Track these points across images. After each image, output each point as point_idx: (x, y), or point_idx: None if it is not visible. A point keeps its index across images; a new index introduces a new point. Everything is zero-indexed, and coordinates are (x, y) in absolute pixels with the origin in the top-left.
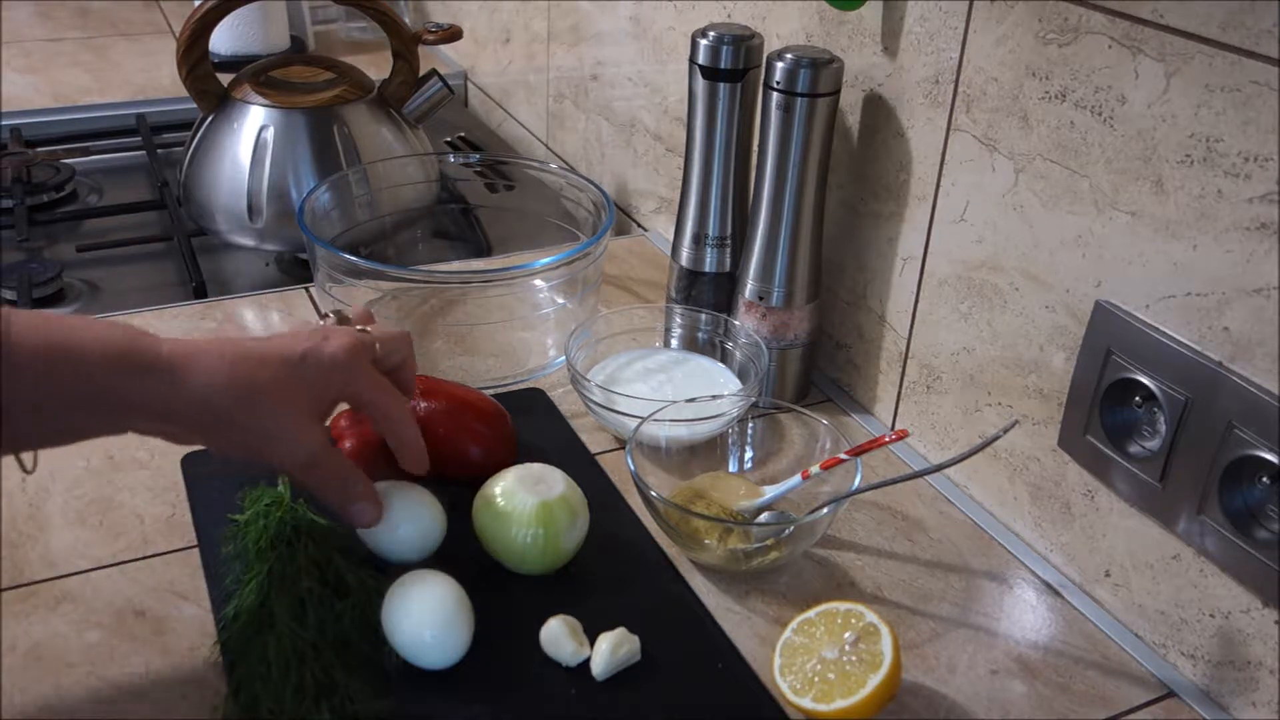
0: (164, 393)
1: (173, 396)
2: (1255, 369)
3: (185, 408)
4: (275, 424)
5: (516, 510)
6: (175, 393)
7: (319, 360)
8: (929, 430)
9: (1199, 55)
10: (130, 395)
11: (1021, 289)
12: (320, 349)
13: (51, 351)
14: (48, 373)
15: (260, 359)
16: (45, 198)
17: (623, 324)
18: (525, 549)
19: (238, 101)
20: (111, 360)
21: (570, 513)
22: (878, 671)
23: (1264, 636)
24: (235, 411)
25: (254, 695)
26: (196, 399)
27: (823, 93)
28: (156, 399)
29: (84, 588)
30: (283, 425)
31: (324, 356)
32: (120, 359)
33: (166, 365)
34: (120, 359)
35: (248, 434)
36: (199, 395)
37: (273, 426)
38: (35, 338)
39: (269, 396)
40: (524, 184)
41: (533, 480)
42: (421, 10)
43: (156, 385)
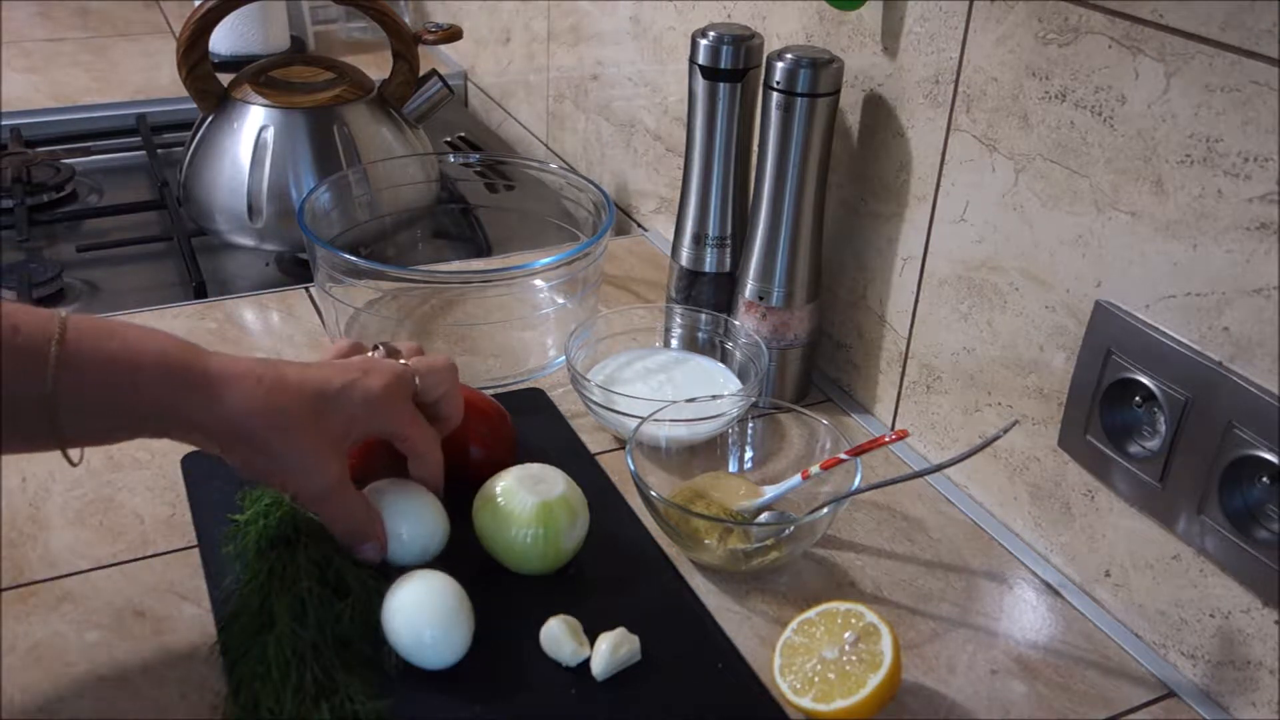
0: (202, 409)
1: (209, 414)
2: (1255, 369)
3: (218, 426)
4: (297, 454)
5: (517, 510)
6: (211, 411)
7: (353, 396)
8: (929, 430)
9: (1199, 55)
10: (175, 408)
11: (1021, 289)
12: (357, 384)
13: (107, 361)
14: (101, 381)
15: (297, 388)
16: (45, 198)
17: (623, 324)
18: (525, 549)
19: (238, 101)
20: (162, 375)
21: (570, 513)
22: (878, 671)
23: (1264, 636)
24: (261, 437)
25: (254, 695)
26: (229, 419)
27: (823, 93)
28: (195, 414)
29: (84, 588)
30: (304, 457)
31: (359, 392)
32: (170, 374)
33: (209, 383)
34: (170, 374)
35: (270, 459)
36: (232, 416)
37: (294, 456)
38: (92, 344)
39: (295, 427)
40: (524, 184)
41: (533, 480)
42: (421, 10)
43: (198, 401)
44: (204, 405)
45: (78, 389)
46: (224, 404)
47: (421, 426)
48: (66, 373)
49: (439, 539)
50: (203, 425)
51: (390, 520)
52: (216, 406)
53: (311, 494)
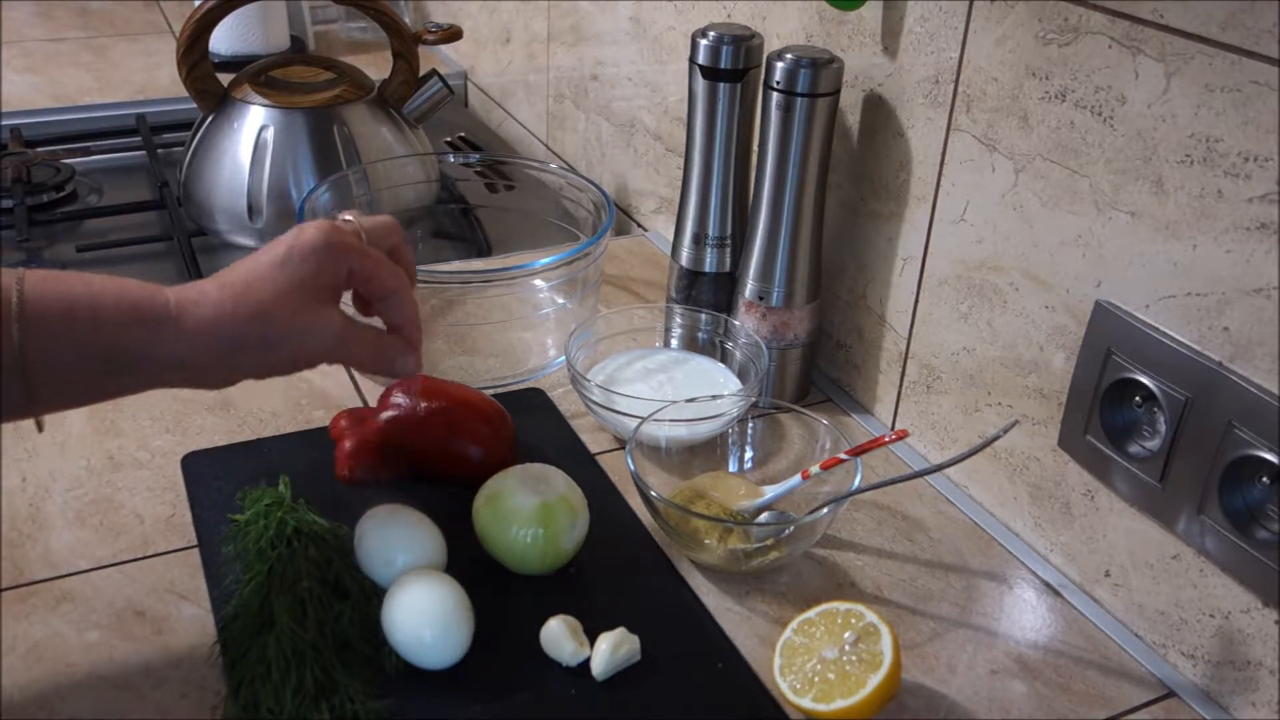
0: (174, 337)
1: (186, 340)
2: (1255, 369)
3: (205, 348)
4: (292, 326)
5: (517, 510)
6: (188, 335)
7: (302, 250)
8: (929, 430)
9: (1199, 55)
10: (148, 348)
11: (1021, 289)
12: (299, 240)
13: (68, 308)
14: (64, 330)
15: (254, 276)
16: (45, 198)
17: (623, 324)
18: (525, 549)
19: (238, 101)
20: (125, 314)
21: (570, 513)
22: (878, 671)
23: (1264, 636)
24: (251, 333)
25: (254, 695)
26: (212, 335)
27: (823, 93)
28: (168, 345)
29: (84, 588)
30: (299, 323)
31: (304, 246)
32: (133, 311)
33: (175, 312)
34: (133, 311)
35: (272, 346)
36: (213, 331)
37: (291, 329)
38: (50, 295)
39: (274, 305)
40: (524, 184)
41: (533, 480)
42: (421, 10)
43: (170, 333)
44: (175, 332)
45: (44, 342)
46: (199, 324)
47: (382, 262)
48: (30, 325)
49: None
50: (186, 355)
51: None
52: (194, 329)
53: (324, 349)
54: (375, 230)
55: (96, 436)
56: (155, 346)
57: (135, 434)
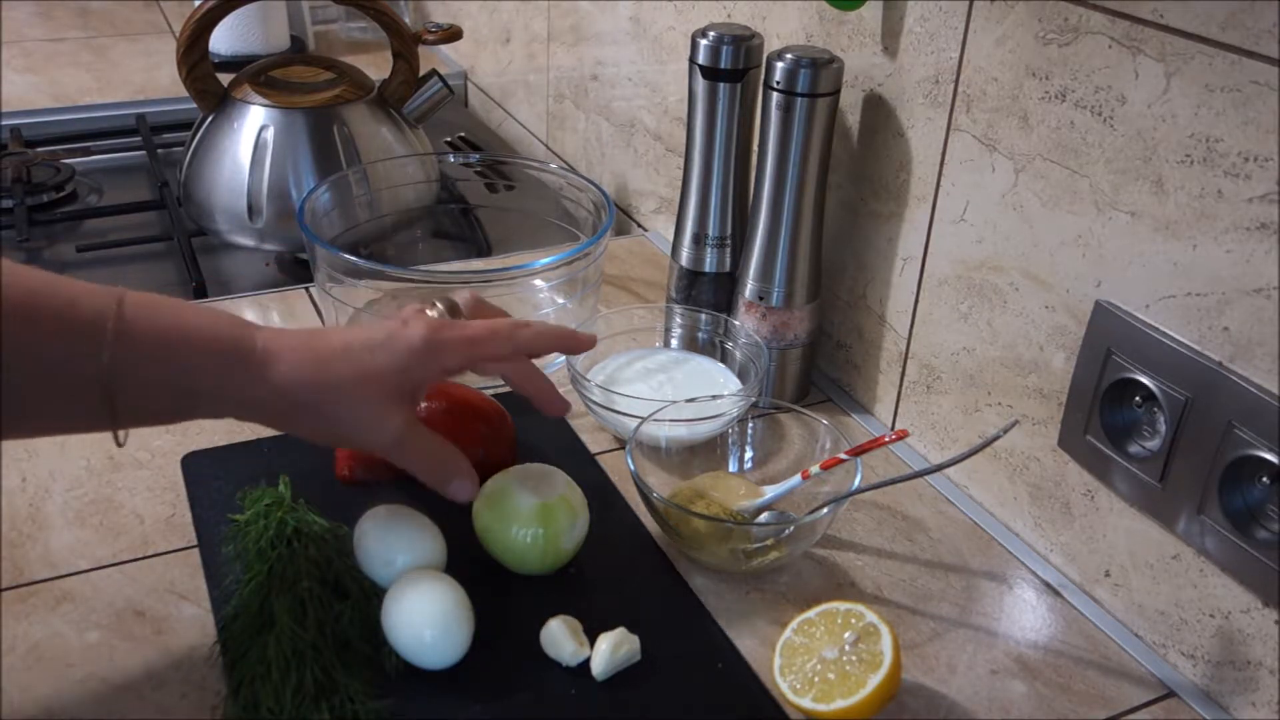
0: (255, 385)
1: (263, 389)
2: (1255, 369)
3: (274, 400)
4: (357, 413)
5: (517, 510)
6: (265, 386)
7: (396, 347)
8: (929, 430)
9: (1199, 55)
10: (227, 387)
11: (1021, 289)
12: (399, 335)
13: (162, 337)
14: (153, 360)
15: (344, 350)
16: (45, 198)
17: (623, 324)
18: (525, 549)
19: (238, 101)
20: (214, 351)
21: (570, 513)
22: (878, 671)
23: (1264, 636)
24: (315, 404)
25: (254, 695)
26: (281, 391)
27: (823, 93)
28: (249, 390)
29: (84, 588)
30: (365, 413)
31: (401, 343)
32: (222, 350)
33: (260, 359)
34: (222, 350)
35: (331, 423)
36: (283, 388)
37: (355, 415)
38: (147, 321)
39: (349, 387)
40: (524, 184)
41: (533, 480)
42: (421, 10)
43: (250, 378)
44: (256, 380)
45: (133, 365)
46: (274, 377)
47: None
48: (122, 349)
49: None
50: (257, 400)
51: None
52: (268, 380)
53: (384, 445)
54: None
55: (96, 436)
56: (234, 388)
57: (135, 434)
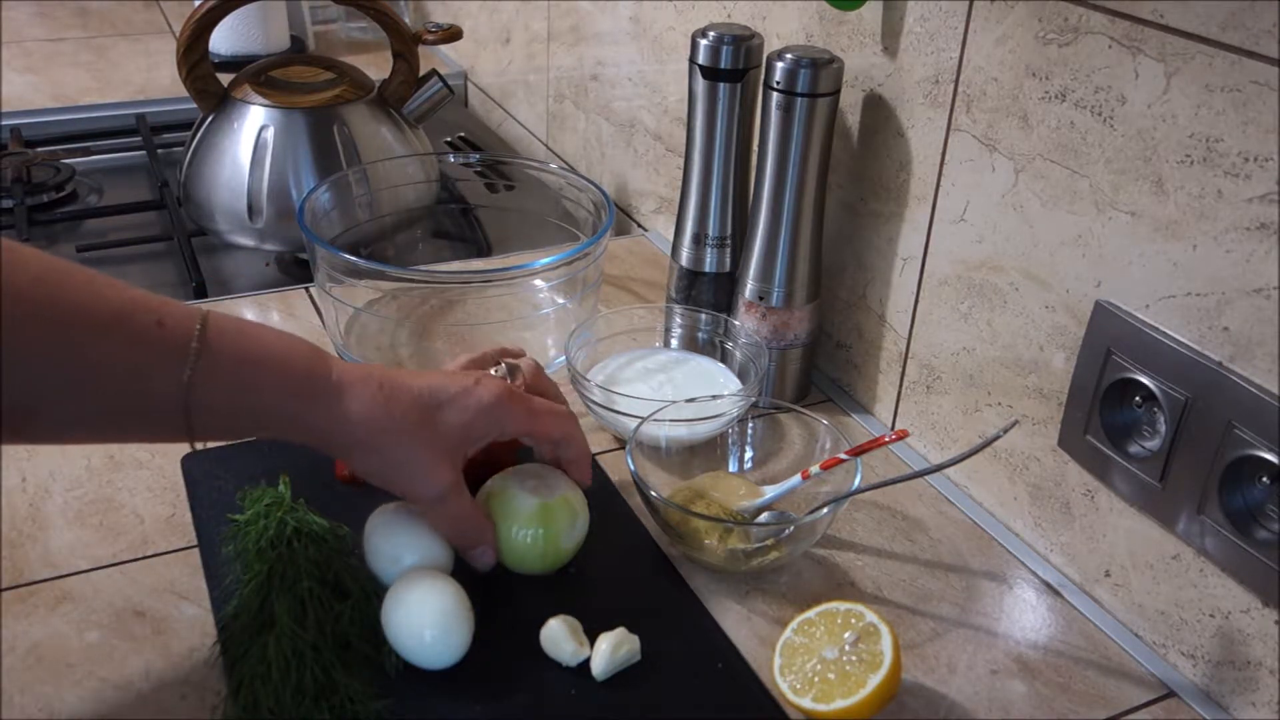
0: (324, 416)
1: (330, 420)
2: (1255, 369)
3: (339, 431)
4: (409, 460)
5: (517, 511)
6: (333, 417)
7: (467, 403)
8: (929, 430)
9: (1199, 55)
10: (298, 415)
11: (1021, 289)
12: (470, 392)
13: (242, 361)
14: (235, 381)
15: (412, 397)
16: (45, 198)
17: (623, 324)
18: (526, 549)
19: (238, 101)
20: (289, 380)
21: (570, 513)
22: (878, 671)
23: (1264, 636)
24: (377, 442)
25: (254, 695)
26: (347, 425)
27: (823, 93)
28: (316, 420)
29: (84, 588)
30: (416, 463)
31: (472, 400)
32: (296, 379)
33: (330, 390)
34: (296, 379)
35: (385, 464)
36: (349, 422)
37: (407, 462)
38: (229, 344)
39: (408, 433)
40: (524, 184)
41: (533, 480)
42: (421, 10)
43: (320, 409)
44: (324, 411)
45: (211, 386)
46: (343, 410)
47: (545, 415)
48: (202, 371)
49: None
50: (323, 431)
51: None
52: (336, 412)
53: (424, 499)
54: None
55: None
56: (304, 416)
57: None
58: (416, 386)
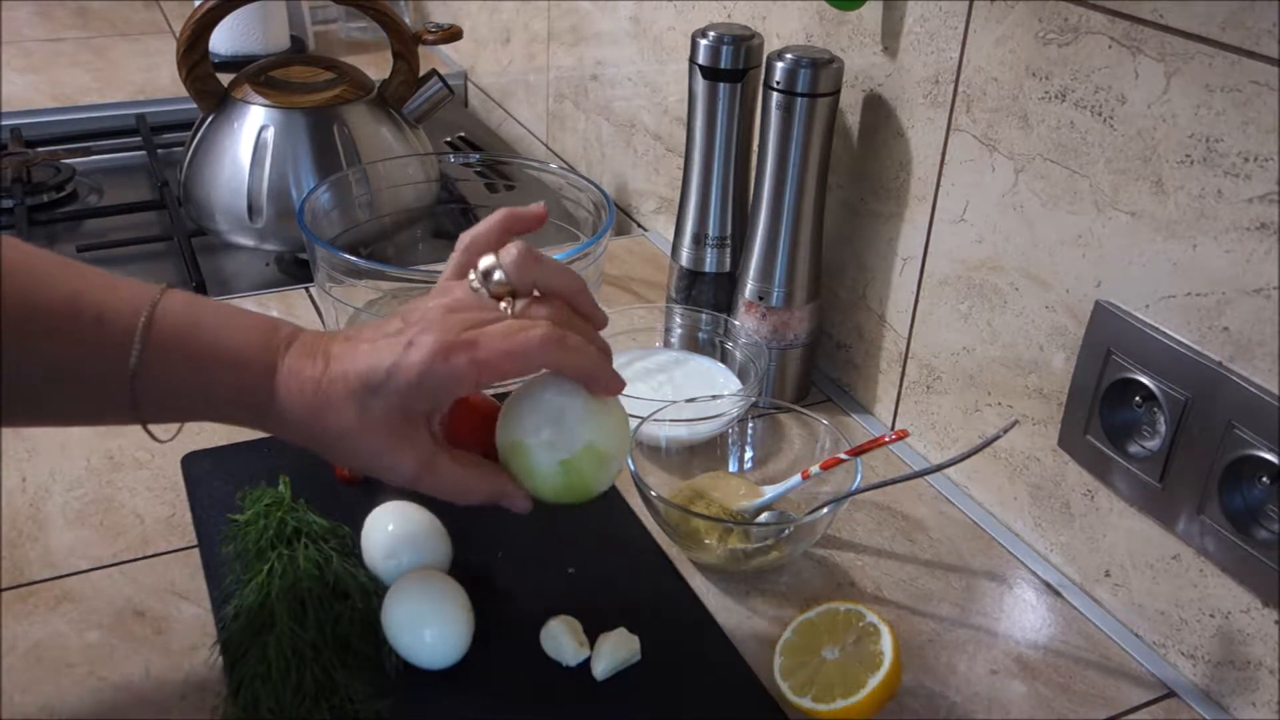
0: (270, 423)
1: (277, 426)
2: (1255, 369)
3: (288, 434)
4: (367, 455)
5: (535, 472)
6: (269, 416)
7: (396, 381)
8: (929, 430)
9: (1199, 55)
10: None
11: (1021, 289)
12: (398, 366)
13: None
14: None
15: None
16: (45, 198)
17: (623, 324)
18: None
19: (238, 101)
20: (233, 376)
21: (596, 460)
22: (878, 671)
23: (1264, 636)
24: (327, 444)
25: (254, 695)
26: (285, 425)
27: (823, 93)
28: (262, 420)
29: (84, 588)
30: (372, 456)
31: (400, 374)
32: (238, 376)
33: (272, 398)
34: (238, 376)
35: (350, 458)
36: (287, 423)
37: (366, 456)
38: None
39: (353, 434)
40: (524, 184)
41: (548, 429)
42: (421, 10)
43: (262, 409)
44: (268, 419)
45: (159, 370)
46: (277, 411)
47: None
48: (146, 373)
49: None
50: (270, 429)
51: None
52: (272, 413)
53: (403, 481)
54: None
55: (97, 436)
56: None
57: (135, 433)
58: (350, 376)
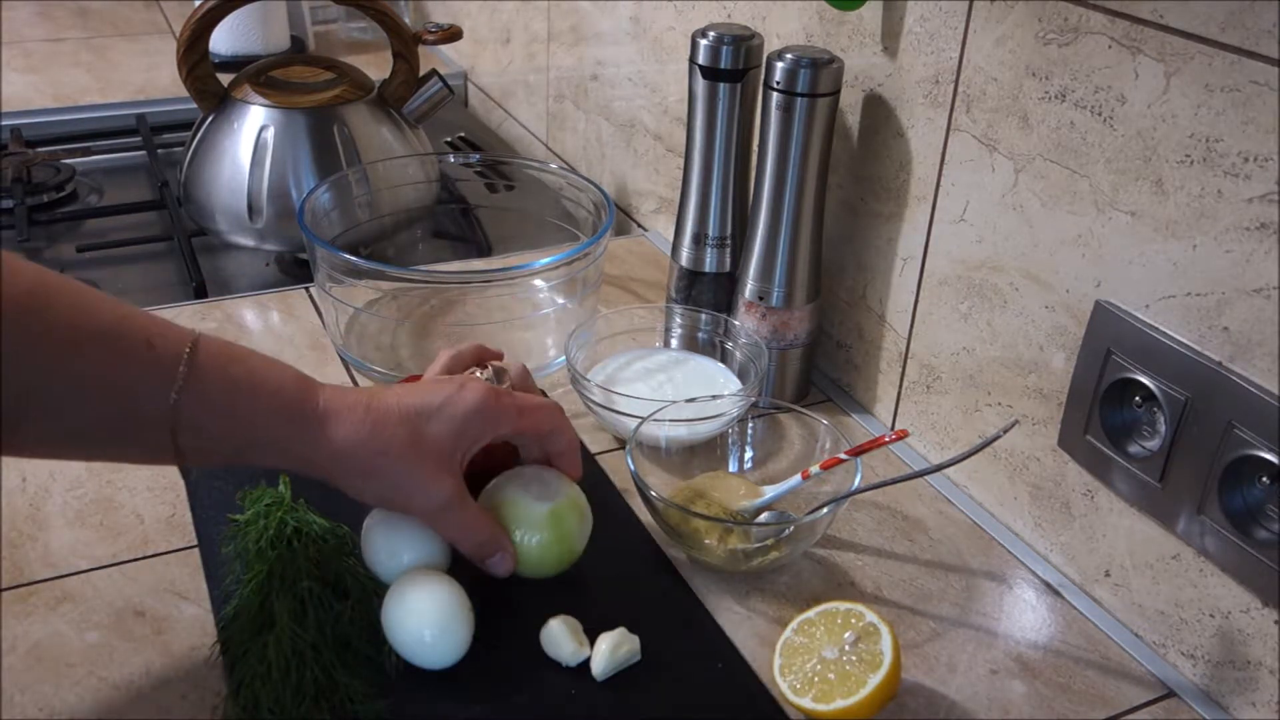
0: (311, 444)
1: (317, 449)
2: (1255, 369)
3: (328, 460)
4: (405, 478)
5: (525, 517)
6: (319, 445)
7: (453, 412)
8: (929, 430)
9: (1199, 55)
10: (286, 443)
11: (1021, 289)
12: (454, 399)
13: (230, 388)
14: (222, 408)
15: (399, 416)
16: (45, 198)
17: (623, 324)
18: (540, 554)
19: (238, 101)
20: (276, 407)
21: (578, 512)
22: (878, 671)
23: (1264, 636)
24: (367, 466)
25: (254, 695)
26: (336, 452)
27: (823, 93)
28: (304, 448)
29: (84, 588)
30: (412, 479)
31: (458, 408)
32: (283, 408)
33: (318, 418)
34: (283, 408)
35: (383, 486)
36: (338, 449)
37: (403, 480)
38: (218, 370)
39: (399, 452)
40: (524, 184)
41: (535, 485)
42: (421, 10)
43: (308, 437)
44: (313, 440)
45: (199, 409)
46: (331, 438)
47: (533, 410)
48: (190, 393)
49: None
50: (310, 459)
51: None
52: (324, 441)
53: (428, 511)
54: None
55: None
56: (293, 446)
57: None
58: (403, 405)
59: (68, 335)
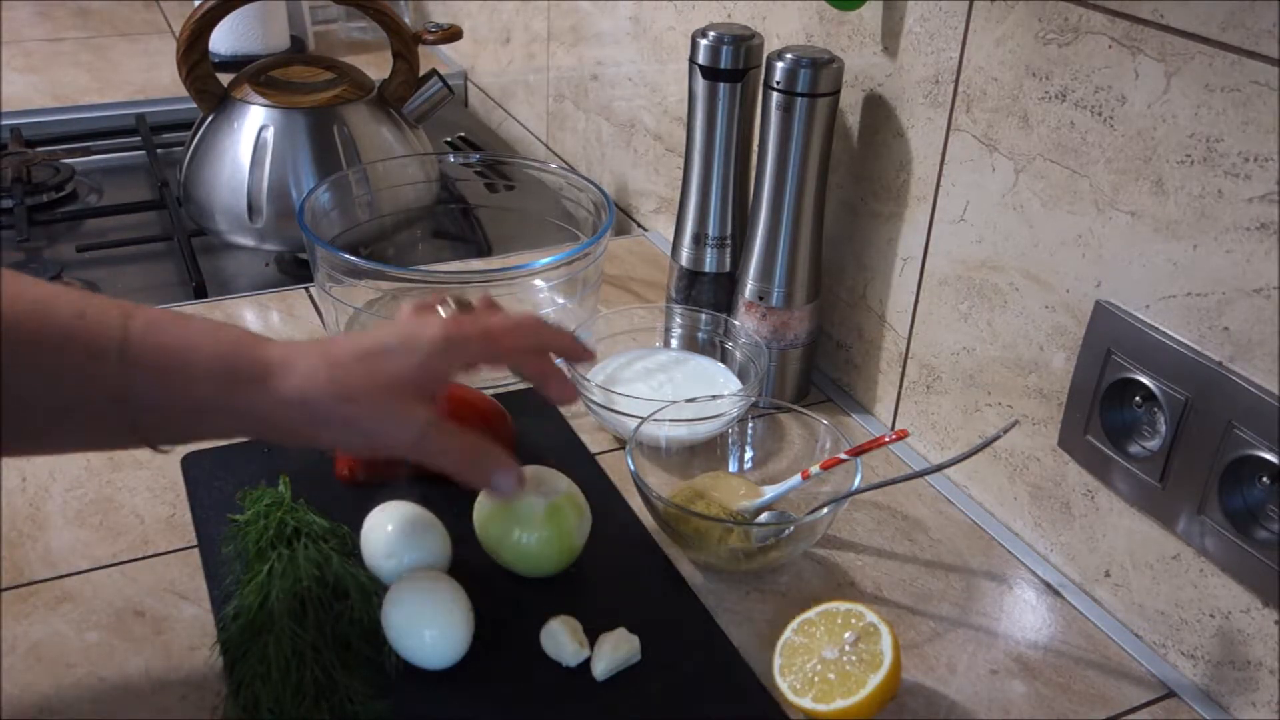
0: (266, 400)
1: (274, 403)
2: (1255, 369)
3: (286, 412)
4: (375, 421)
5: (524, 514)
6: (276, 399)
7: (416, 345)
8: (929, 430)
9: (1199, 55)
10: (236, 404)
11: (1021, 289)
12: (416, 335)
13: (166, 358)
14: (161, 380)
15: (360, 355)
16: (45, 198)
17: (623, 324)
18: (540, 551)
19: (238, 101)
20: (219, 372)
21: (577, 508)
22: (878, 671)
23: (1264, 636)
24: (337, 413)
25: (254, 695)
26: (293, 401)
27: (823, 93)
28: (260, 407)
29: (84, 588)
30: (379, 415)
31: (422, 342)
32: (227, 370)
33: (268, 370)
34: (227, 370)
35: (350, 428)
36: (295, 398)
37: (373, 423)
38: (153, 340)
39: (368, 393)
40: (524, 184)
41: (532, 482)
42: (421, 10)
43: (259, 394)
44: (264, 392)
45: (141, 385)
46: (286, 389)
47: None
48: (128, 368)
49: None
50: (266, 415)
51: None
52: (281, 394)
53: (404, 443)
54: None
55: None
56: (242, 404)
57: None
58: (359, 347)
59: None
